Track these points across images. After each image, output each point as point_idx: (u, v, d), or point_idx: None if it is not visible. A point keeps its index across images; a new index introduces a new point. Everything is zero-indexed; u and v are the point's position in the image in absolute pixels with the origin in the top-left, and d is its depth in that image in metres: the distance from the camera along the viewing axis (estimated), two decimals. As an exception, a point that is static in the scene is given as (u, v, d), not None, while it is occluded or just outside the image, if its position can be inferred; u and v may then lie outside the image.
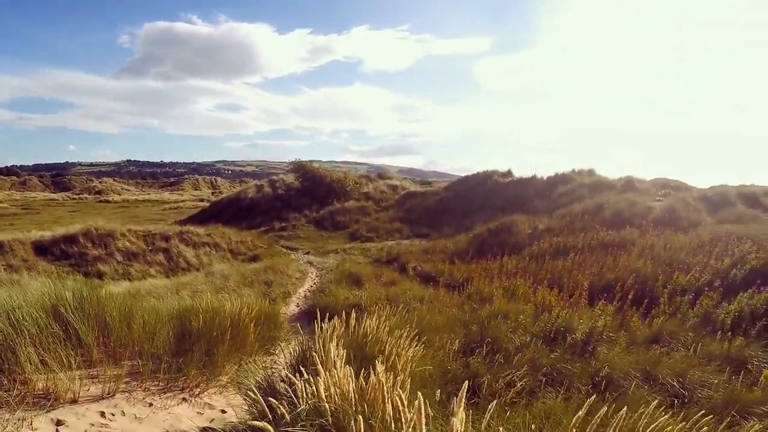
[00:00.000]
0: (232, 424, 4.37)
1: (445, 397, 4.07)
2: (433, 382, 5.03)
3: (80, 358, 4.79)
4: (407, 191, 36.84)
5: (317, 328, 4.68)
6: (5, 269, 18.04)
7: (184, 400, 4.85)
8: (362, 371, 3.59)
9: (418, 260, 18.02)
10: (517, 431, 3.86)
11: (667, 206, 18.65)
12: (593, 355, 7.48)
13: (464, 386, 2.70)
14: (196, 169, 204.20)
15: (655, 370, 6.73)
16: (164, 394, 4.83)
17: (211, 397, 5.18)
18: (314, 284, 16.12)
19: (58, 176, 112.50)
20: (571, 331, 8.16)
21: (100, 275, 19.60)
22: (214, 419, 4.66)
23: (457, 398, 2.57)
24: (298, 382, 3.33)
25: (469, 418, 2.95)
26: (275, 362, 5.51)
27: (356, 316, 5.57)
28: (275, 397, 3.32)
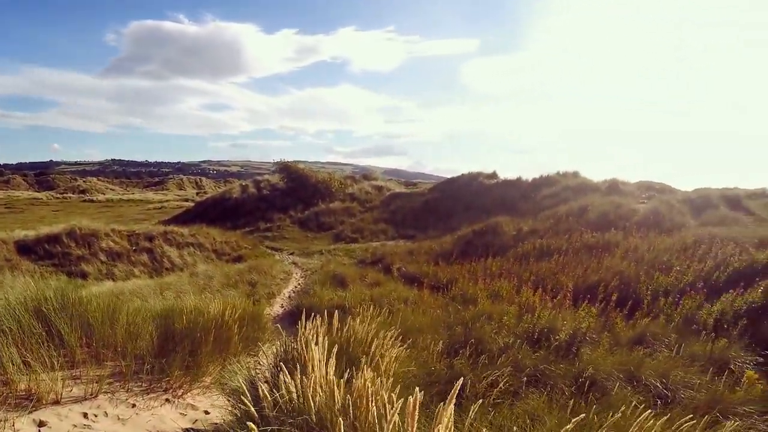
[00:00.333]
0: (215, 425, 4.37)
1: (429, 398, 4.09)
2: (416, 382, 5.05)
3: (63, 358, 4.76)
4: (392, 192, 36.87)
5: (301, 328, 4.69)
6: (-12, 269, 17.90)
7: (167, 401, 4.83)
8: (346, 372, 3.60)
9: (402, 261, 18.06)
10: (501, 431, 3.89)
11: (651, 209, 18.82)
12: (577, 356, 7.53)
13: (457, 384, 2.71)
14: (180, 168, 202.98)
15: (638, 371, 6.79)
16: (147, 395, 4.80)
17: (194, 398, 5.17)
18: (298, 285, 16.10)
19: (42, 175, 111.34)
20: (554, 332, 8.21)
21: (83, 275, 19.49)
22: (197, 420, 4.66)
23: (444, 401, 2.59)
24: (281, 382, 3.33)
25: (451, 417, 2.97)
26: (259, 363, 5.50)
27: (340, 317, 5.57)
28: (258, 398, 3.33)
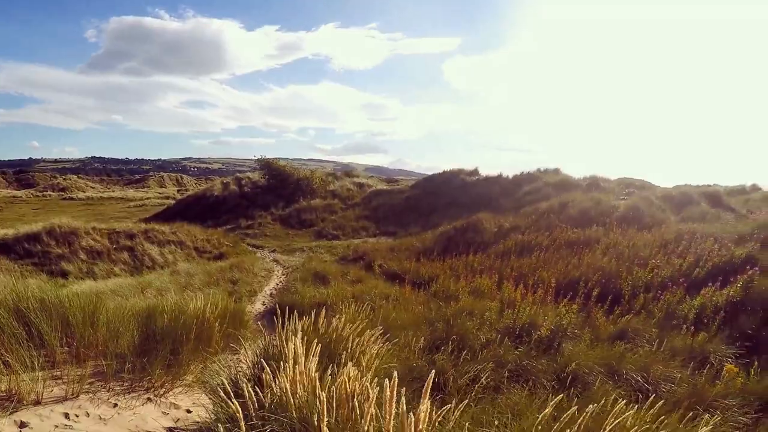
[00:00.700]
0: (197, 423, 4.37)
1: (411, 394, 4.12)
2: (398, 379, 5.08)
3: (43, 359, 4.74)
4: (374, 189, 36.86)
5: (282, 326, 4.70)
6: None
7: (149, 400, 4.82)
8: (328, 369, 3.62)
9: (384, 258, 18.07)
10: (481, 426, 3.93)
11: (631, 205, 18.89)
12: (558, 351, 7.61)
13: (430, 375, 2.75)
14: (161, 166, 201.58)
15: (619, 365, 6.87)
16: (129, 394, 4.78)
17: (176, 396, 5.16)
18: (280, 282, 16.10)
19: (21, 173, 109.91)
20: (536, 327, 8.27)
21: (64, 274, 19.34)
22: (179, 419, 4.65)
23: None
24: (263, 379, 3.35)
25: (434, 413, 3.01)
26: (240, 360, 5.51)
27: (322, 314, 5.59)
28: (240, 395, 3.34)
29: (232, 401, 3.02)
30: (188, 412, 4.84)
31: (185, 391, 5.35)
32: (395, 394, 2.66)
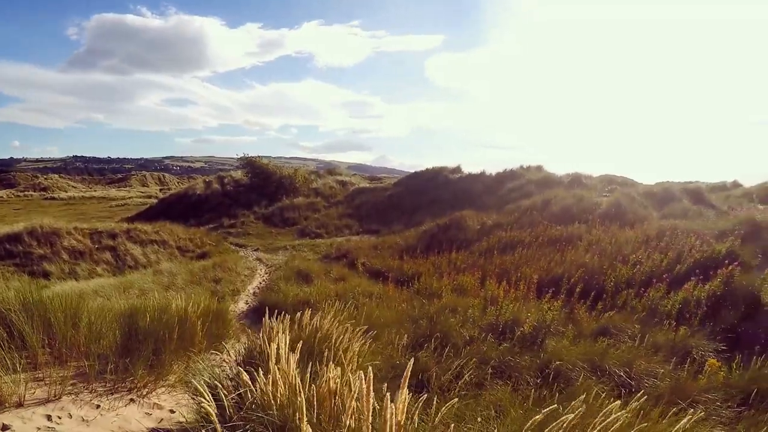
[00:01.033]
0: (180, 424, 4.37)
1: (393, 390, 4.14)
2: (381, 376, 5.10)
3: (25, 360, 4.71)
4: (357, 187, 36.77)
5: (265, 324, 4.71)
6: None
7: (132, 400, 4.81)
8: (310, 366, 3.64)
9: (367, 256, 18.06)
10: (465, 422, 3.96)
11: (613, 202, 19.00)
12: (542, 347, 7.66)
13: (409, 365, 2.78)
14: (143, 165, 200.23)
15: (602, 361, 6.93)
16: (112, 395, 4.77)
17: (159, 397, 5.14)
18: (263, 281, 16.05)
19: (2, 173, 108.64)
20: (519, 324, 8.32)
21: (45, 275, 19.16)
22: (162, 419, 4.64)
23: (410, 394, 2.66)
24: (245, 378, 3.36)
25: (417, 409, 3.04)
26: (223, 360, 5.51)
27: (305, 312, 5.60)
28: (222, 395, 3.35)
29: (210, 402, 3.03)
30: (171, 412, 4.83)
31: (168, 391, 5.34)
32: (371, 388, 2.68)
